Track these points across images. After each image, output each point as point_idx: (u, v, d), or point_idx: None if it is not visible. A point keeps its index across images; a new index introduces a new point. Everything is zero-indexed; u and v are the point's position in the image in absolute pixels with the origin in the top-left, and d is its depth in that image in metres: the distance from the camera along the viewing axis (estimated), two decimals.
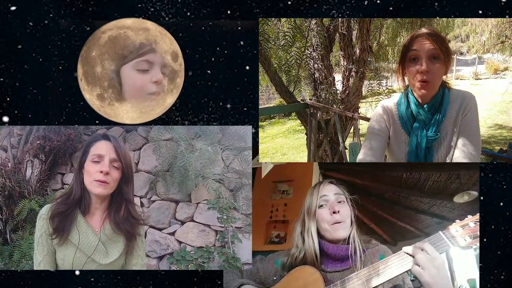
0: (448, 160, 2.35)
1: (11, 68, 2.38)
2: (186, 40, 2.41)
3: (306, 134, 6.49)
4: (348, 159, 5.57)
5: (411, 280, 2.00)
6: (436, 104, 2.34)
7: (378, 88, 6.43)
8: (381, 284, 1.82)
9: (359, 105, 6.50)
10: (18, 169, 4.27)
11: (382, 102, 2.58)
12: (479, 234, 1.75)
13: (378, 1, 2.48)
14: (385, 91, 6.39)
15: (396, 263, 1.81)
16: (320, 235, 2.11)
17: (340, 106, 6.07)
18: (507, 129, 10.14)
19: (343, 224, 2.07)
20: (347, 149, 5.79)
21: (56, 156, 4.42)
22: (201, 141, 3.89)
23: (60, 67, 2.36)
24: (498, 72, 16.47)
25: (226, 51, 2.43)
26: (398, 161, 2.51)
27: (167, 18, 2.40)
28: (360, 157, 2.49)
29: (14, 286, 2.46)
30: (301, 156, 9.54)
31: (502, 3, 2.47)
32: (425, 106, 2.35)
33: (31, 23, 2.37)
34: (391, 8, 2.50)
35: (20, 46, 2.37)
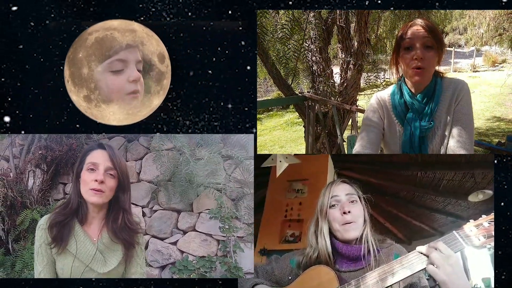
0: (442, 150, 2.37)
1: (12, 68, 2.37)
2: (187, 40, 2.42)
3: (304, 126, 6.51)
4: (346, 151, 5.59)
5: (426, 279, 2.00)
6: (429, 93, 2.37)
7: (375, 81, 6.44)
8: (396, 283, 1.81)
9: (357, 98, 6.52)
10: (20, 179, 4.25)
11: (376, 93, 2.61)
12: (493, 234, 1.75)
13: (379, 1, 2.48)
14: (383, 84, 6.41)
15: (411, 262, 1.81)
16: (332, 235, 2.11)
17: (338, 99, 6.08)
18: (505, 121, 10.15)
19: (354, 224, 2.07)
20: (345, 141, 5.81)
21: (58, 166, 4.40)
22: (203, 150, 3.89)
23: (61, 67, 2.35)
24: (496, 64, 16.47)
25: (227, 51, 2.43)
26: (393, 151, 2.53)
27: (168, 18, 2.40)
28: (356, 149, 2.52)
29: (14, 287, 2.48)
30: (299, 149, 9.54)
31: (503, 3, 2.48)
32: (418, 95, 2.38)
33: (32, 23, 2.36)
34: (391, 8, 2.50)
35: (21, 46, 2.37)
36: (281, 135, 11.55)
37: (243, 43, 2.43)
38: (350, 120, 5.91)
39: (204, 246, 4.10)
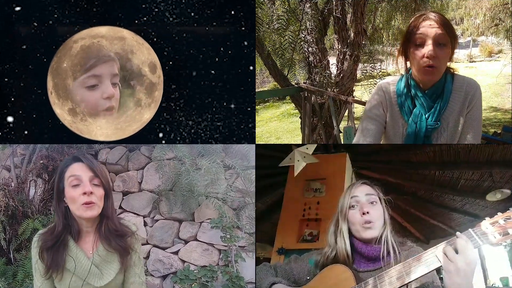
0: None
1: (16, 69, 2.37)
2: (190, 40, 2.41)
3: (300, 117, 6.51)
4: (342, 142, 5.61)
5: (440, 278, 1.97)
6: (438, 91, 2.29)
7: (372, 71, 6.43)
8: (413, 280, 1.81)
9: (353, 89, 6.52)
10: (21, 189, 4.24)
11: (380, 83, 2.52)
12: (509, 232, 1.73)
13: None
14: (379, 74, 6.40)
15: (428, 260, 1.80)
16: (352, 235, 2.10)
17: (335, 90, 6.08)
18: (502, 111, 10.19)
19: (373, 224, 2.05)
20: (341, 132, 5.82)
21: None
22: (204, 159, 3.89)
23: None
24: (492, 54, 16.54)
25: (230, 51, 2.43)
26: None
27: (171, 19, 2.39)
28: (356, 139, 2.48)
29: None
30: (296, 140, 9.54)
31: None
32: (426, 92, 2.30)
33: (35, 24, 2.36)
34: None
35: (24, 47, 2.36)
36: (278, 126, 11.55)
37: (245, 43, 2.44)
38: (347, 111, 5.90)
39: (206, 255, 4.13)
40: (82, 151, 3.91)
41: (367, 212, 2.06)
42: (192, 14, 2.41)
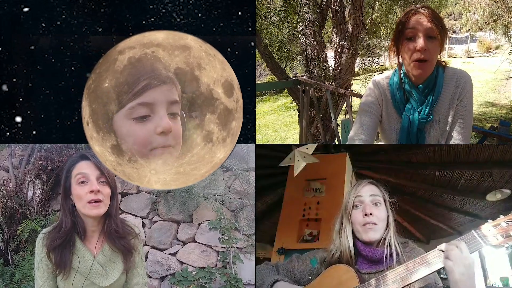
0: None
1: (24, 69, 2.37)
2: None
3: (298, 111, 6.53)
4: (340, 136, 5.64)
5: (444, 279, 2.00)
6: (430, 85, 2.32)
7: (370, 65, 6.46)
8: (415, 281, 1.84)
9: (351, 82, 6.54)
10: (19, 190, 4.25)
11: (374, 78, 2.57)
12: (511, 234, 1.78)
13: None
14: (377, 68, 6.43)
15: (430, 261, 1.83)
16: (355, 236, 2.11)
17: (333, 83, 6.11)
18: (498, 106, 10.28)
19: (375, 226, 2.07)
20: (339, 126, 5.84)
21: (57, 177, 4.41)
22: None
23: (73, 68, 2.35)
24: (490, 50, 16.64)
25: (237, 52, 2.43)
26: (390, 140, 2.51)
27: (178, 20, 2.40)
28: (352, 134, 2.50)
29: None
30: (293, 133, 9.57)
31: None
32: (418, 87, 2.33)
33: (43, 24, 2.36)
34: None
35: (32, 47, 2.36)
36: (275, 120, 11.58)
37: (252, 44, 2.44)
38: (345, 104, 5.94)
39: (204, 257, 4.16)
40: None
41: (370, 214, 2.08)
42: (199, 15, 2.41)
